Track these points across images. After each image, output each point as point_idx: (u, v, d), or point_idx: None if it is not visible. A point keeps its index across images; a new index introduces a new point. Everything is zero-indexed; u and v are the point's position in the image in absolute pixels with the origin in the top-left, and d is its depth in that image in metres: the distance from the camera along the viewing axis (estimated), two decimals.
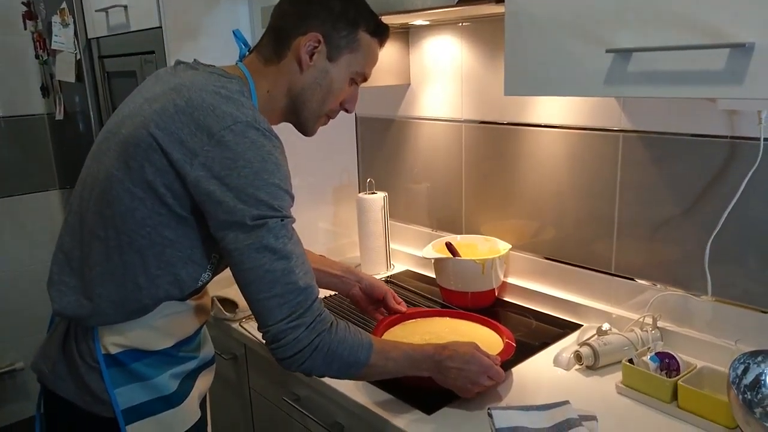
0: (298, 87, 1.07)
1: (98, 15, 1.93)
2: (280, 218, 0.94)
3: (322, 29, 1.05)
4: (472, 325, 1.38)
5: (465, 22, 1.63)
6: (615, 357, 1.24)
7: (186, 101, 0.93)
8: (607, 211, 1.41)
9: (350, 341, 1.01)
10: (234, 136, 0.91)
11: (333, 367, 1.01)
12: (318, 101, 1.10)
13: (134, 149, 0.94)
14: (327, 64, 1.07)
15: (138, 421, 1.02)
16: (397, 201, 1.96)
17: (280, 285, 0.94)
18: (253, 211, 0.92)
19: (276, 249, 0.93)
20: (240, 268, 0.94)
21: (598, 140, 1.40)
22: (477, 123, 1.66)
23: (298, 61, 1.05)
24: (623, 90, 0.93)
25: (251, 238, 0.92)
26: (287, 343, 0.95)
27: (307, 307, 0.96)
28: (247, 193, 0.91)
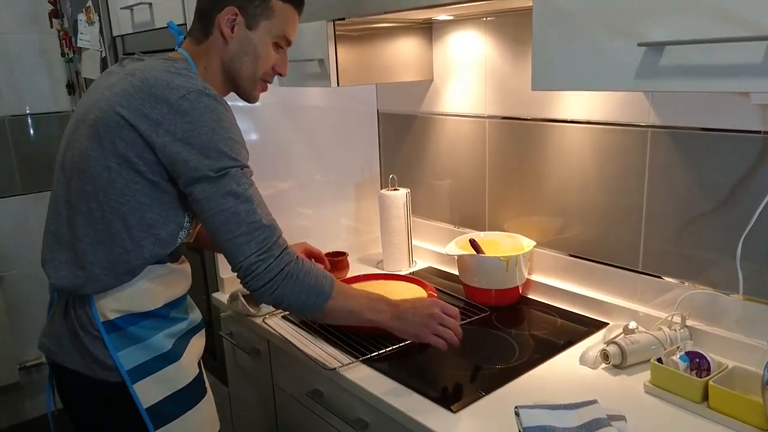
0: (227, 58, 1.19)
1: (123, 13, 1.95)
2: (240, 167, 1.08)
3: (236, 2, 1.16)
4: (401, 283, 1.65)
5: (489, 17, 1.61)
6: (643, 356, 1.23)
7: (142, 81, 1.07)
8: (634, 207, 1.38)
9: (315, 272, 1.13)
10: (189, 103, 1.05)
11: (302, 296, 1.11)
12: (248, 68, 1.21)
13: (104, 129, 1.06)
14: (248, 33, 1.18)
15: (142, 380, 1.13)
16: (419, 197, 1.95)
17: (246, 224, 1.06)
18: (216, 163, 1.05)
19: (239, 194, 1.06)
20: (208, 214, 1.07)
21: (625, 136, 1.37)
22: (501, 119, 1.65)
23: (221, 35, 1.17)
24: (655, 84, 0.91)
25: (216, 187, 1.05)
26: (259, 273, 1.07)
27: (273, 242, 1.09)
28: (209, 148, 1.05)
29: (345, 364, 1.28)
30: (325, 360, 1.31)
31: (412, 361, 1.32)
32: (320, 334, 1.44)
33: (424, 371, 1.27)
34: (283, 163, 1.83)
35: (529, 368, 1.25)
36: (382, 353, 1.32)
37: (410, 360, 1.32)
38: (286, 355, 1.46)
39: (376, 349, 1.33)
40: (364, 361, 1.30)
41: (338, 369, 1.27)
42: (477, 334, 1.44)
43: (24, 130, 2.67)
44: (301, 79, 1.69)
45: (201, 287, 1.90)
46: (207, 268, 1.83)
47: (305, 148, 1.87)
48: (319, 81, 1.62)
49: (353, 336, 1.40)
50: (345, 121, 1.95)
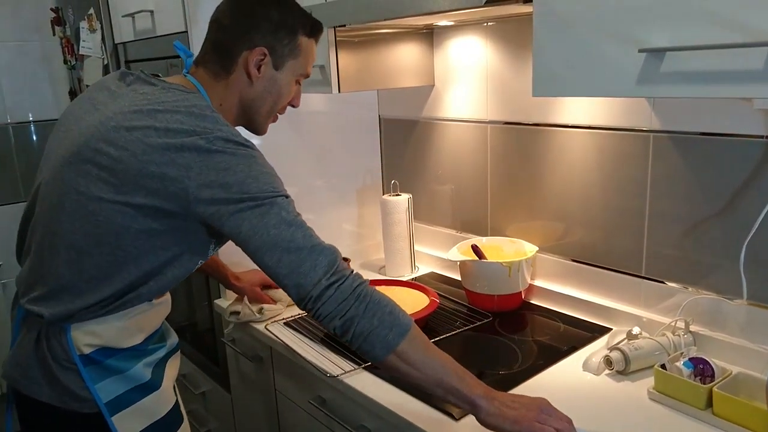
0: (249, 97, 1.14)
1: (125, 20, 1.95)
2: (284, 196, 1.01)
3: (265, 42, 1.10)
4: (403, 289, 1.61)
5: (490, 22, 1.61)
6: (646, 362, 1.22)
7: (166, 129, 0.97)
8: (637, 212, 1.38)
9: (392, 304, 1.00)
10: (218, 147, 0.97)
11: (374, 321, 0.96)
12: (269, 107, 1.17)
13: (124, 175, 0.97)
14: (274, 73, 1.13)
15: (121, 411, 1.08)
16: (421, 203, 1.94)
17: (306, 250, 0.97)
18: (260, 195, 0.97)
19: (290, 221, 0.98)
20: (263, 249, 0.97)
21: (627, 141, 1.37)
22: (502, 124, 1.65)
23: (247, 74, 1.11)
24: (656, 90, 0.91)
25: (266, 218, 0.96)
26: (331, 296, 0.95)
27: (339, 263, 0.99)
28: (248, 184, 0.97)
29: (347, 371, 1.28)
30: (327, 367, 1.31)
31: None
32: (323, 341, 1.44)
33: None
34: (284, 168, 1.81)
35: (532, 374, 1.25)
36: None
37: None
38: (289, 361, 1.46)
39: None
40: (366, 368, 1.29)
41: (340, 376, 1.27)
42: (480, 340, 1.44)
43: (27, 138, 2.68)
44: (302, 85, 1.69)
45: (204, 294, 1.90)
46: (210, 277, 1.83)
47: (307, 154, 1.87)
48: (320, 87, 1.62)
49: None
50: (347, 127, 1.96)
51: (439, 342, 1.41)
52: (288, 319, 1.57)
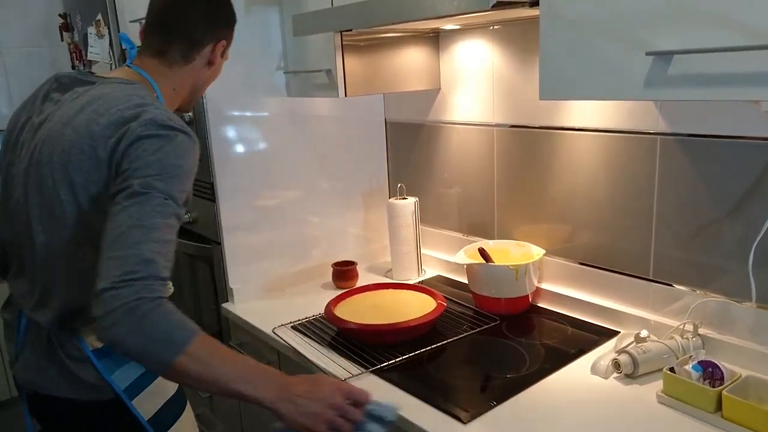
0: (201, 82, 1.25)
1: (132, 26, 1.96)
2: (165, 197, 0.97)
3: (225, 35, 1.24)
4: (410, 292, 1.63)
5: (496, 26, 1.61)
6: (655, 365, 1.22)
7: (108, 120, 1.01)
8: (644, 215, 1.38)
9: (173, 320, 0.92)
10: (150, 131, 0.99)
11: (143, 336, 0.89)
12: (205, 89, 1.30)
13: (77, 174, 1.01)
14: (221, 62, 1.27)
15: (138, 396, 1.15)
16: (427, 206, 1.95)
17: (128, 248, 0.91)
18: (143, 182, 0.96)
19: (142, 218, 0.94)
20: (108, 225, 0.95)
21: (634, 143, 1.37)
22: (509, 127, 1.65)
23: (208, 62, 1.22)
24: (664, 93, 0.91)
25: (128, 202, 0.95)
26: (105, 300, 0.88)
27: (143, 276, 0.90)
28: (145, 169, 0.97)
29: (355, 374, 1.28)
30: (335, 370, 1.31)
31: (421, 371, 1.31)
32: (330, 345, 1.44)
33: (433, 381, 1.27)
34: (291, 172, 1.84)
35: (540, 378, 1.25)
36: (392, 364, 1.32)
37: (420, 370, 1.32)
38: (296, 365, 1.46)
39: (386, 360, 1.33)
40: (373, 371, 1.30)
41: (348, 380, 1.26)
42: (487, 343, 1.44)
43: None
44: (308, 89, 1.70)
45: (211, 298, 1.91)
46: (217, 279, 1.84)
47: (313, 158, 1.88)
48: (326, 91, 1.62)
49: (363, 346, 1.40)
50: (353, 130, 1.96)
51: (447, 345, 1.41)
52: (295, 322, 1.57)
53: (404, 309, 1.52)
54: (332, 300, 1.57)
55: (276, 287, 1.83)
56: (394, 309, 1.53)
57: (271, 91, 1.76)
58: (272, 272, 1.83)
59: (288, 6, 1.69)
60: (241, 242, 1.76)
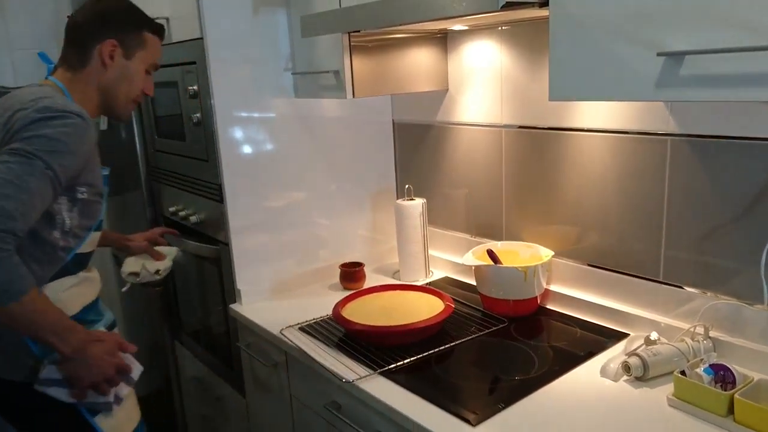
0: (105, 85, 1.33)
1: None
2: (46, 167, 1.11)
3: (115, 35, 1.31)
4: (418, 294, 1.63)
5: (505, 26, 1.61)
6: (665, 368, 1.21)
7: (5, 109, 1.18)
8: (654, 217, 1.37)
9: (16, 271, 1.07)
10: (43, 114, 1.13)
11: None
12: (124, 92, 1.36)
13: None
14: (125, 62, 1.34)
15: None
16: (435, 207, 1.94)
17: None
18: (31, 149, 1.10)
19: (20, 177, 1.08)
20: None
21: (644, 144, 1.36)
22: (517, 128, 1.64)
23: (102, 63, 1.30)
24: (676, 94, 0.90)
25: (12, 159, 1.09)
26: None
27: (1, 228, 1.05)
28: (34, 140, 1.11)
29: (362, 376, 1.28)
30: (342, 372, 1.30)
31: (429, 372, 1.31)
32: (338, 346, 1.44)
33: (441, 383, 1.27)
34: (299, 173, 1.84)
35: (549, 380, 1.24)
36: (400, 365, 1.32)
37: (428, 372, 1.31)
38: (304, 366, 1.46)
39: (394, 361, 1.33)
40: (381, 373, 1.29)
41: (355, 381, 1.26)
42: (495, 345, 1.43)
43: None
44: (316, 90, 1.70)
45: (218, 299, 1.91)
46: (225, 281, 1.84)
47: (321, 159, 1.88)
48: (334, 92, 1.62)
49: (371, 348, 1.39)
50: (360, 132, 1.96)
51: (455, 347, 1.41)
52: (303, 324, 1.57)
53: (412, 310, 1.51)
54: (340, 301, 1.57)
55: (283, 288, 1.83)
56: (402, 310, 1.53)
57: (278, 92, 1.76)
58: (280, 273, 1.83)
59: (296, 7, 1.69)
60: (249, 243, 1.76)
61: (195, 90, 1.74)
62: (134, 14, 1.37)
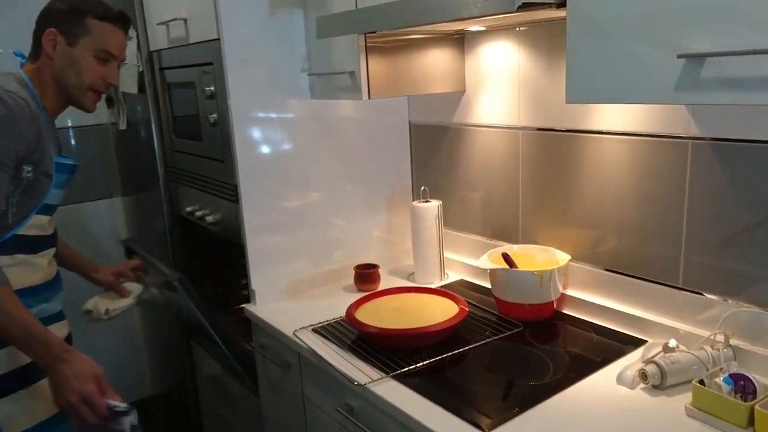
0: (55, 74, 1.37)
1: (159, 28, 1.99)
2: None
3: (55, 24, 1.35)
4: (432, 297, 1.61)
5: (522, 27, 1.59)
6: (684, 376, 1.18)
7: None
8: (674, 221, 1.34)
9: None
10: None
11: None
12: (75, 79, 1.38)
13: None
14: (69, 50, 1.37)
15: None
16: (451, 209, 1.93)
17: None
18: None
19: None
20: None
21: (664, 148, 1.33)
22: (535, 130, 1.62)
23: (45, 53, 1.36)
24: (696, 97, 0.87)
25: None
26: None
27: None
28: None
29: (374, 379, 1.27)
30: (355, 375, 1.30)
31: (442, 377, 1.30)
32: (351, 349, 1.43)
33: (454, 387, 1.25)
34: (315, 174, 1.84)
35: (564, 387, 1.22)
36: (413, 369, 1.31)
37: (441, 376, 1.30)
38: (316, 368, 1.45)
39: (407, 365, 1.32)
40: (394, 376, 1.28)
41: (367, 384, 1.26)
42: (510, 350, 1.41)
43: (66, 143, 2.74)
44: (332, 91, 1.69)
45: (234, 299, 1.92)
46: (239, 281, 1.84)
47: (337, 160, 1.87)
48: (350, 93, 1.62)
49: (384, 350, 1.38)
50: (377, 133, 1.95)
51: (469, 351, 1.39)
52: (316, 325, 1.57)
53: (426, 313, 1.50)
54: (353, 303, 1.56)
55: (298, 289, 1.83)
56: (416, 313, 1.52)
57: (295, 93, 1.76)
58: (294, 274, 1.83)
59: (313, 8, 1.69)
60: (264, 244, 1.77)
61: (212, 91, 1.75)
62: (78, 4, 1.38)
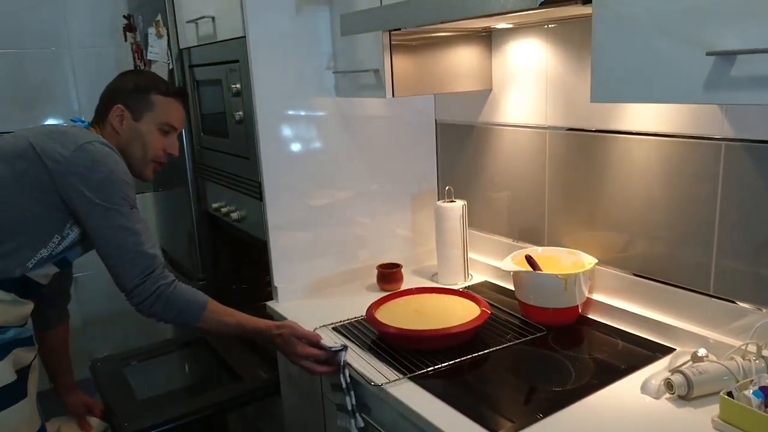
0: (120, 145, 1.44)
1: (189, 26, 2.01)
2: (129, 206, 1.32)
3: (122, 101, 1.45)
4: (454, 298, 1.59)
5: (551, 24, 1.55)
6: (712, 387, 1.13)
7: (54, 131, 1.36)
8: (705, 226, 1.29)
9: (186, 297, 1.35)
10: (93, 147, 1.32)
11: (171, 315, 1.35)
12: (138, 152, 1.48)
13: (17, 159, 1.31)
14: (134, 124, 1.46)
15: None
16: (476, 209, 1.90)
17: (133, 254, 1.31)
18: (108, 199, 1.30)
19: (128, 228, 1.31)
20: (101, 243, 1.32)
21: (697, 149, 1.28)
22: (562, 130, 1.58)
23: (112, 127, 1.45)
24: (726, 97, 0.84)
25: (108, 220, 1.30)
26: (137, 294, 1.32)
27: (153, 269, 1.32)
28: (104, 186, 1.30)
29: (391, 380, 1.26)
30: (371, 375, 1.29)
31: (461, 379, 1.28)
32: (370, 348, 1.42)
33: (473, 391, 1.23)
34: (341, 172, 1.83)
35: (586, 394, 1.19)
36: (430, 371, 1.29)
37: (460, 379, 1.28)
38: None
39: (425, 366, 1.30)
40: (411, 377, 1.27)
41: (384, 385, 1.24)
42: (531, 354, 1.38)
43: None
44: (357, 89, 1.68)
45: (257, 296, 1.93)
46: (262, 277, 1.85)
47: (362, 158, 1.87)
48: (374, 91, 1.60)
49: (403, 351, 1.37)
50: (403, 131, 1.94)
51: (489, 355, 1.37)
52: (336, 323, 1.56)
53: (447, 315, 1.48)
54: (374, 303, 1.55)
55: (321, 287, 1.83)
56: (436, 314, 1.50)
57: (320, 91, 1.76)
58: (317, 272, 1.83)
59: (338, 5, 1.68)
60: (287, 241, 1.77)
61: (238, 88, 1.76)
62: (142, 80, 1.49)
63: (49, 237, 1.33)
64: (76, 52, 2.71)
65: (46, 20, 2.63)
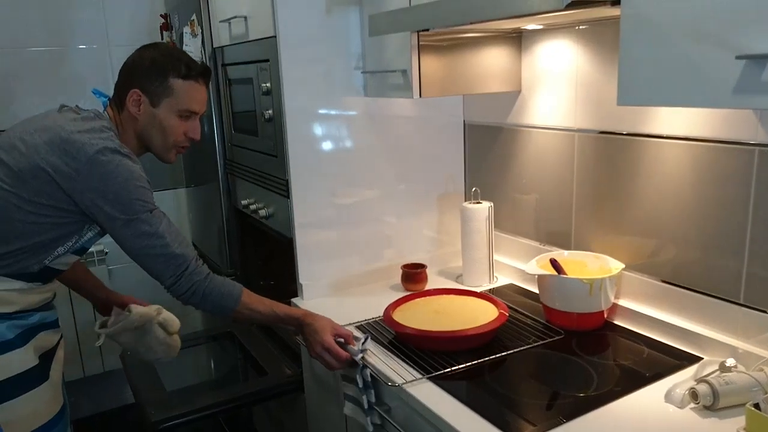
0: (139, 130, 1.42)
1: (222, 25, 2.05)
2: (149, 210, 1.32)
3: (139, 85, 1.38)
4: (475, 300, 1.59)
5: (582, 26, 1.53)
6: (738, 399, 1.11)
7: (60, 138, 1.28)
8: (737, 233, 1.26)
9: (221, 290, 1.39)
10: (104, 157, 1.28)
11: (208, 306, 1.39)
12: (158, 139, 1.43)
13: (30, 177, 1.28)
14: (152, 110, 1.40)
15: None
16: (503, 211, 1.89)
17: (162, 257, 1.33)
18: (127, 209, 1.29)
19: (151, 233, 1.31)
20: (130, 252, 1.34)
21: (729, 154, 1.25)
22: (592, 132, 1.56)
23: (129, 112, 1.39)
24: (757, 101, 0.82)
25: (131, 230, 1.31)
26: (174, 290, 1.36)
27: (186, 267, 1.35)
28: (121, 196, 1.29)
29: (409, 380, 1.26)
30: (391, 375, 1.29)
31: (480, 381, 1.27)
32: (389, 348, 1.42)
33: (492, 393, 1.23)
34: (367, 171, 1.84)
35: (608, 401, 1.17)
36: (448, 372, 1.29)
37: (479, 380, 1.28)
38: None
39: (442, 367, 1.30)
40: (429, 378, 1.27)
41: (402, 385, 1.25)
42: (554, 358, 1.37)
43: None
44: (385, 89, 1.69)
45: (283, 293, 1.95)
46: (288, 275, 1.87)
47: (390, 158, 1.87)
48: (401, 92, 1.61)
49: (421, 352, 1.37)
50: (431, 131, 1.93)
51: (509, 357, 1.36)
52: (358, 323, 1.57)
53: (466, 316, 1.48)
54: (392, 303, 1.56)
55: (345, 286, 1.84)
56: (456, 316, 1.50)
57: (349, 91, 1.77)
58: (342, 270, 1.84)
59: (368, 5, 1.69)
60: (313, 239, 1.79)
61: (268, 87, 1.79)
62: (163, 59, 1.39)
63: (67, 239, 1.35)
64: (114, 50, 2.78)
65: (88, 19, 2.71)
